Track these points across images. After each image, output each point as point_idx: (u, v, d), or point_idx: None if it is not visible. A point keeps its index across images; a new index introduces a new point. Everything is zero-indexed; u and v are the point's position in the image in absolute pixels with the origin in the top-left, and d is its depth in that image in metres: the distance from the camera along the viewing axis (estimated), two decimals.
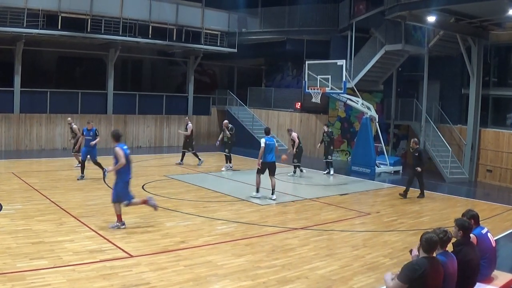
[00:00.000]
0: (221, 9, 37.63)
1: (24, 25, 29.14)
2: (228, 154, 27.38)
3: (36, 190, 19.36)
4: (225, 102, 41.36)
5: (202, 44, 36.60)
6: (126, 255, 12.18)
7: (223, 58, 41.52)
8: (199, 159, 28.04)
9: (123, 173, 14.46)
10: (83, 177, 21.98)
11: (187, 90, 39.43)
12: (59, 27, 30.19)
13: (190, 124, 27.91)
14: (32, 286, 9.92)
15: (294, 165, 26.38)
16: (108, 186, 18.80)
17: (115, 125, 34.53)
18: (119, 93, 35.61)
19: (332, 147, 27.54)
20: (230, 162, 27.45)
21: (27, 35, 29.89)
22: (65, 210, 16.34)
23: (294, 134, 26.28)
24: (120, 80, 38.86)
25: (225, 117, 40.41)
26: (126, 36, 32.81)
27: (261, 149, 19.57)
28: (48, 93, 32.60)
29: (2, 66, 32.84)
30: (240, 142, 34.52)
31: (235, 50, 37.74)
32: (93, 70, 37.46)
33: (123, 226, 14.45)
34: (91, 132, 22.34)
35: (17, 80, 31.13)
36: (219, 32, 37.49)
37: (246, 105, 40.90)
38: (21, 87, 31.21)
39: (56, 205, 17.09)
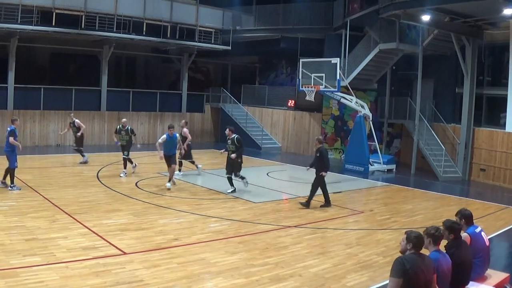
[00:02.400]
0: (215, 6, 37.58)
1: (18, 21, 29.06)
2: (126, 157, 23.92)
3: (30, 187, 19.32)
4: (219, 100, 41.27)
5: (196, 42, 36.53)
6: (119, 252, 12.20)
7: (217, 56, 41.53)
8: (83, 156, 26.24)
9: None
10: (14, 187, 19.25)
11: (181, 87, 39.39)
12: (53, 24, 30.11)
13: (77, 121, 26.46)
14: (25, 283, 9.91)
15: (191, 162, 24.98)
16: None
17: (109, 122, 34.54)
18: (113, 90, 35.56)
19: (240, 160, 20.78)
20: (132, 163, 24.27)
21: (21, 31, 29.81)
22: (58, 207, 16.33)
23: (186, 130, 24.58)
24: (114, 77, 38.76)
25: (219, 114, 40.45)
26: (120, 33, 32.73)
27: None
28: (42, 89, 32.53)
29: None
30: None
31: (229, 48, 37.65)
32: (87, 67, 37.37)
33: None
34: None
35: (11, 76, 31.06)
36: (213, 30, 37.43)
37: (240, 103, 40.84)
38: (15, 83, 31.17)
39: (50, 202, 17.09)
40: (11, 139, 18.65)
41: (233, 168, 20.63)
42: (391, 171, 29.15)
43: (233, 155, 20.13)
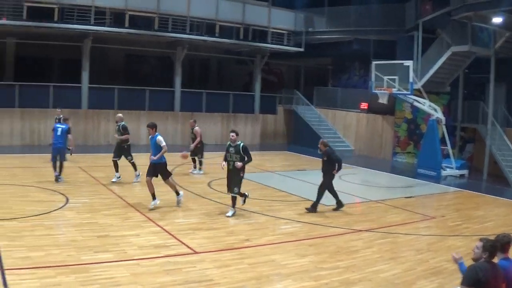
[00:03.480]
0: (287, 8, 37.61)
1: (92, 23, 29.63)
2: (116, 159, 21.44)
3: (103, 185, 19.77)
4: (291, 102, 41.15)
5: (268, 43, 36.62)
6: (190, 251, 12.36)
7: (290, 57, 41.46)
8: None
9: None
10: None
11: (253, 88, 39.50)
12: (127, 25, 30.62)
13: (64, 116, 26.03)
14: (95, 279, 10.15)
15: (200, 161, 24.34)
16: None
17: (182, 122, 34.87)
18: (186, 91, 35.88)
19: (242, 173, 16.51)
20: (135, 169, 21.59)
21: (94, 33, 30.47)
22: (131, 205, 16.67)
23: (197, 128, 23.97)
24: (188, 78, 39.04)
25: (291, 116, 40.35)
26: (193, 35, 33.08)
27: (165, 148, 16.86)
28: (116, 90, 33.09)
29: (71, 63, 33.48)
30: (306, 142, 34.56)
31: (302, 49, 37.64)
32: (161, 68, 37.80)
33: None
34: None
35: (85, 76, 31.72)
36: (286, 31, 37.43)
37: (312, 105, 40.72)
38: (89, 84, 31.80)
39: (123, 199, 17.46)
40: (70, 136, 20.04)
41: (232, 182, 16.43)
42: (463, 176, 28.68)
43: (238, 164, 15.99)
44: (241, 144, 16.03)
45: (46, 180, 19.49)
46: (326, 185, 17.72)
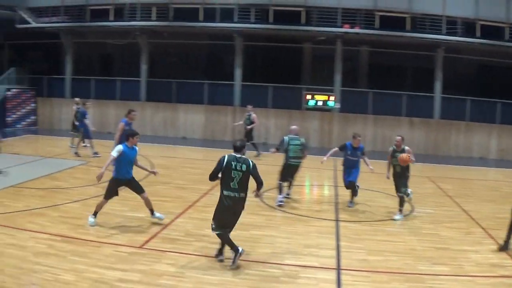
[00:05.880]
0: None
1: (443, 32, 29.83)
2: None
3: (449, 197, 19.82)
4: None
5: None
6: None
7: None
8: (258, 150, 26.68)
9: None
10: None
11: None
12: (478, 35, 30.35)
13: (254, 115, 26.99)
14: None
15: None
16: None
17: None
18: None
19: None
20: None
21: (446, 42, 30.63)
22: (474, 220, 16.49)
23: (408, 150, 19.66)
24: None
25: None
26: None
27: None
28: (468, 101, 32.85)
29: (423, 72, 34.01)
30: None
31: None
32: None
33: None
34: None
35: (438, 86, 32.13)
36: None
37: None
38: (441, 94, 32.34)
39: (467, 214, 17.32)
40: None
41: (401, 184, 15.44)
42: None
43: None
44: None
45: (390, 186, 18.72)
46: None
